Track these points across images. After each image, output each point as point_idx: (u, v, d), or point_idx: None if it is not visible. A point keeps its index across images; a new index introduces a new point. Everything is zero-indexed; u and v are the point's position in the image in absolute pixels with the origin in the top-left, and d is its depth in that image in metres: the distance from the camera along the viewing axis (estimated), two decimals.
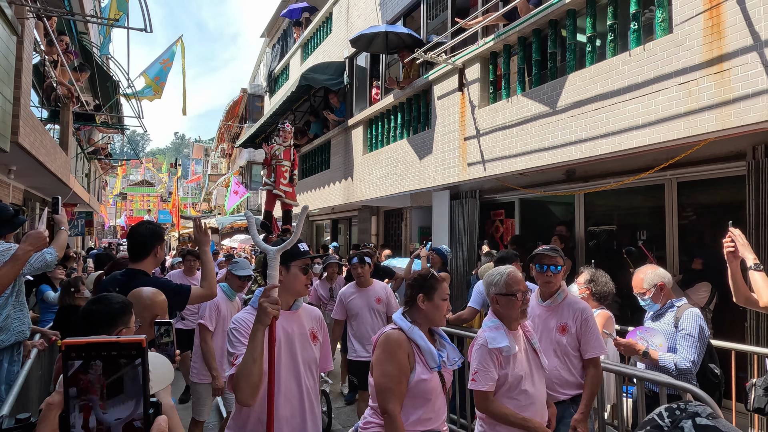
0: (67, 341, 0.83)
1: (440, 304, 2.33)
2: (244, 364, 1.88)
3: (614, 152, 4.44)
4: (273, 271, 1.99)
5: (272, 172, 7.72)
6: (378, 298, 4.66)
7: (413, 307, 2.35)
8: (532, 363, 2.46)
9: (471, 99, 6.32)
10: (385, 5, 8.82)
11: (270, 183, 7.66)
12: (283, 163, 7.65)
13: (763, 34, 3.38)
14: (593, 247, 6.52)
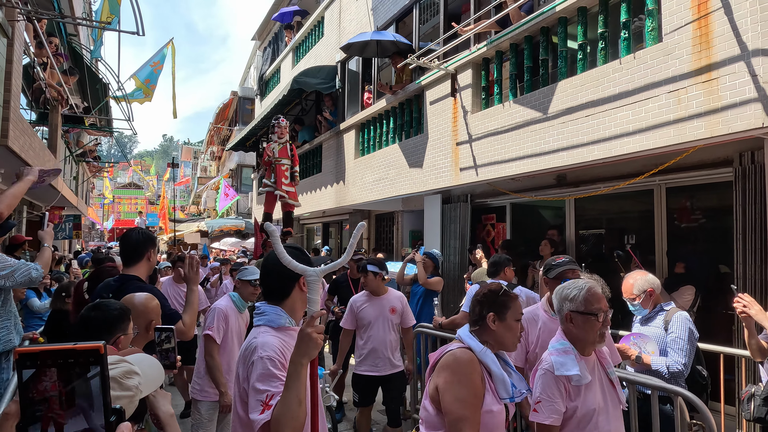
0: (20, 349, 0.80)
1: (513, 325, 2.06)
2: (287, 408, 1.53)
3: (605, 158, 4.51)
4: (315, 296, 1.66)
5: (272, 173, 7.22)
6: (392, 308, 4.23)
7: (482, 326, 2.07)
8: (607, 396, 2.14)
9: (463, 104, 6.37)
10: (377, 10, 8.86)
11: (270, 184, 7.18)
12: (282, 161, 7.14)
13: (750, 44, 3.46)
14: (583, 251, 6.60)
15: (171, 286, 5.79)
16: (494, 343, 2.05)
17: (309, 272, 1.67)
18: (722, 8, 3.61)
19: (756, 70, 3.42)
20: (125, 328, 2.19)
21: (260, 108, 16.49)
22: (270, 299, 1.86)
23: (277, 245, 1.69)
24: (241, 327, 3.79)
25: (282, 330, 1.79)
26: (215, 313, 3.64)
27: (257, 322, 1.83)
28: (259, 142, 15.62)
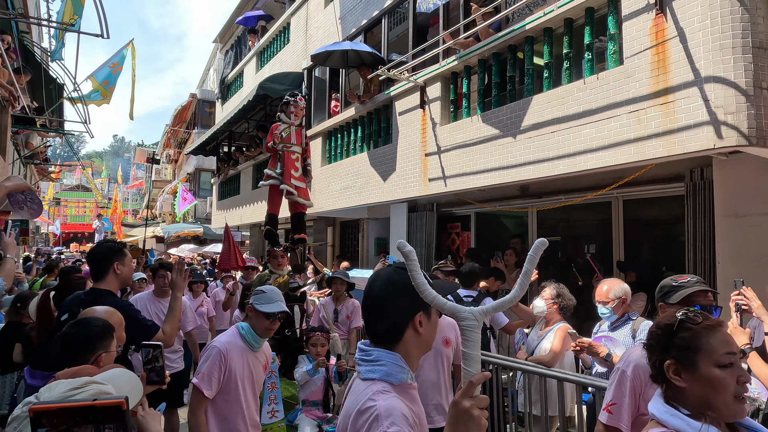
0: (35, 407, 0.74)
1: (715, 375, 1.29)
2: None
3: (570, 173, 4.73)
4: (473, 350, 1.12)
5: (278, 161, 5.70)
6: (446, 339, 3.16)
7: (669, 386, 1.36)
8: None
9: (432, 116, 6.51)
10: (345, 20, 8.92)
11: (276, 176, 5.65)
12: (292, 149, 5.65)
13: (703, 71, 3.73)
14: (545, 260, 6.85)
15: (151, 303, 4.59)
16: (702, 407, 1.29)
17: (462, 313, 1.15)
18: (678, 37, 3.88)
19: (708, 96, 3.69)
20: (107, 346, 2.15)
21: (221, 111, 16.20)
22: (378, 342, 1.32)
23: (415, 271, 1.16)
24: (255, 370, 2.78)
25: (403, 389, 1.26)
26: (210, 356, 2.63)
27: (368, 374, 1.28)
28: (220, 147, 15.34)
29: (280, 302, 2.79)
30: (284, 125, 5.67)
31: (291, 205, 5.86)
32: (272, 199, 5.97)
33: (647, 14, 4.12)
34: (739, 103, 3.58)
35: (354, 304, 5.10)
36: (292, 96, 5.72)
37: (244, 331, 2.74)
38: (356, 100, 8.13)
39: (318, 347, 3.93)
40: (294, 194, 5.64)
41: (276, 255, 4.64)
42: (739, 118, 3.57)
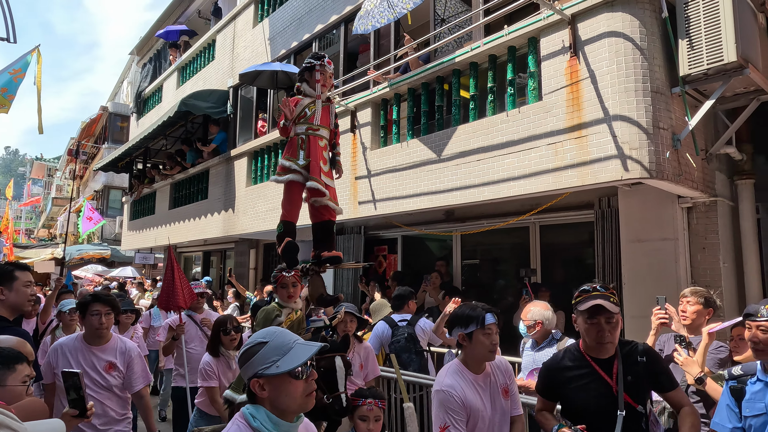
0: None
1: None
2: None
3: (494, 199, 5.00)
4: None
5: (299, 149, 3.83)
6: (505, 389, 2.53)
7: None
8: None
9: (362, 141, 6.62)
10: (275, 41, 8.89)
11: (299, 168, 3.78)
12: (320, 132, 3.86)
13: (611, 110, 4.14)
14: (467, 282, 7.13)
15: (82, 352, 3.15)
16: None
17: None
18: (589, 78, 4.28)
19: (615, 132, 4.09)
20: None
21: (136, 127, 15.35)
22: None
23: None
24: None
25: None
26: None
27: None
28: (134, 164, 14.48)
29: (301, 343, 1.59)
30: (308, 99, 3.83)
31: (315, 211, 3.88)
32: (290, 201, 3.95)
33: (563, 56, 4.51)
34: (641, 140, 4.00)
35: (367, 349, 3.97)
36: (316, 58, 3.89)
37: (258, 422, 1.52)
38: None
39: (370, 422, 2.65)
40: (325, 195, 3.78)
41: (286, 283, 3.27)
42: (641, 153, 3.99)
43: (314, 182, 3.75)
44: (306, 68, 3.92)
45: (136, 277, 14.95)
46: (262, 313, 3.33)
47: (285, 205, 4.00)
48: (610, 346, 2.38)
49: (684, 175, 4.27)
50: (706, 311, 3.14)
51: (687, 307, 3.14)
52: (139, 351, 3.43)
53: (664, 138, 4.08)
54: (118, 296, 5.73)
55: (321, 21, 7.79)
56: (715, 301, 3.20)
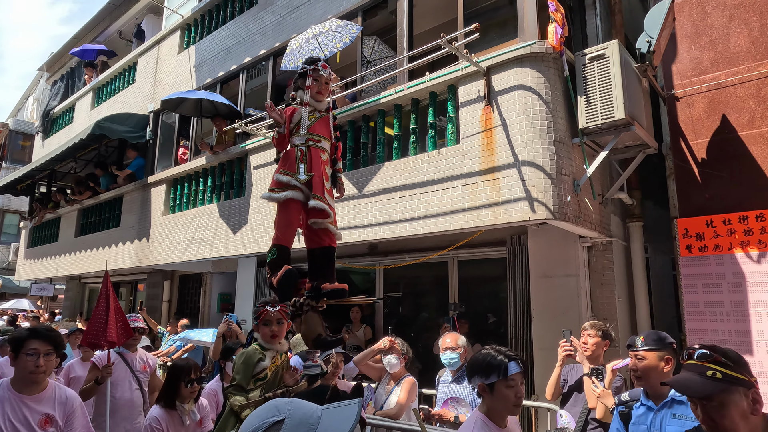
0: None
1: None
2: None
3: (414, 235, 5.19)
4: None
5: (299, 162, 3.34)
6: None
7: None
8: None
9: None
10: (201, 69, 8.78)
11: (298, 184, 3.26)
12: (322, 144, 3.42)
13: (520, 156, 4.51)
14: (390, 315, 7.25)
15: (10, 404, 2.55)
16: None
17: None
18: (501, 126, 4.66)
19: (524, 176, 4.45)
20: None
21: (42, 147, 14.28)
22: None
23: None
24: None
25: None
26: None
27: None
28: (36, 186, 13.40)
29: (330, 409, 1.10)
30: (307, 108, 3.41)
31: (313, 234, 3.41)
32: (287, 222, 3.38)
33: (479, 104, 4.88)
34: (546, 185, 4.38)
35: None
36: (309, 63, 3.49)
37: None
38: (208, 150, 7.91)
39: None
40: (329, 216, 3.32)
41: (270, 319, 2.80)
42: (546, 197, 4.36)
43: (318, 201, 3.23)
44: (300, 75, 3.54)
45: (32, 310, 13.63)
46: (241, 357, 2.69)
47: (280, 226, 3.41)
48: None
49: (583, 217, 4.71)
50: (603, 343, 3.45)
51: (587, 339, 3.44)
52: (82, 402, 2.85)
53: (566, 183, 4.50)
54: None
55: (250, 53, 7.83)
56: (611, 334, 3.52)
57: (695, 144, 4.89)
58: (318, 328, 3.04)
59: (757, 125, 4.56)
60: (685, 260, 4.74)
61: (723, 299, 4.50)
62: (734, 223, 4.51)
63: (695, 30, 4.97)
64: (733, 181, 4.62)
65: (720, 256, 4.56)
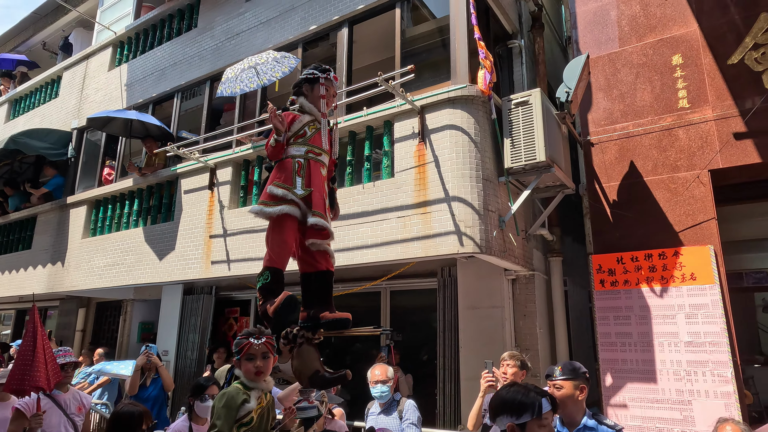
0: None
1: None
2: None
3: (348, 265, 5.24)
4: None
5: (296, 175, 3.03)
6: None
7: None
8: None
9: (221, 199, 6.52)
10: (133, 88, 8.49)
11: (294, 198, 2.92)
12: (322, 158, 3.12)
13: (450, 192, 4.72)
14: (321, 344, 7.17)
15: None
16: None
17: None
18: (434, 162, 4.87)
19: (454, 211, 4.66)
20: None
21: None
22: None
23: None
24: None
25: None
26: None
27: None
28: None
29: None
30: (308, 117, 3.09)
31: (307, 257, 3.03)
32: (282, 241, 2.93)
33: (413, 140, 5.08)
34: (474, 220, 4.60)
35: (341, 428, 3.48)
36: (322, 71, 3.19)
37: None
38: (136, 172, 7.60)
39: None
40: (329, 237, 3.02)
41: (254, 354, 2.44)
42: (474, 231, 4.57)
43: (319, 219, 2.88)
44: (307, 80, 3.18)
45: None
46: (222, 399, 2.32)
47: (273, 245, 2.94)
48: None
49: (508, 251, 4.97)
50: (521, 372, 3.63)
51: (507, 369, 3.60)
52: None
53: (492, 219, 4.75)
54: None
55: (186, 76, 7.70)
56: (527, 363, 3.71)
57: (607, 186, 5.33)
58: (315, 364, 2.73)
59: (659, 172, 5.06)
60: (598, 294, 5.10)
61: (631, 330, 4.87)
62: (641, 260, 4.93)
63: (607, 84, 5.49)
64: (640, 222, 5.07)
65: (629, 290, 4.95)
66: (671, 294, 4.72)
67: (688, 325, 4.59)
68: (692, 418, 4.41)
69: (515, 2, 6.35)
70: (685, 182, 4.90)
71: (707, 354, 4.46)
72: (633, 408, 4.71)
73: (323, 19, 6.26)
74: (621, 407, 4.76)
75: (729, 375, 4.33)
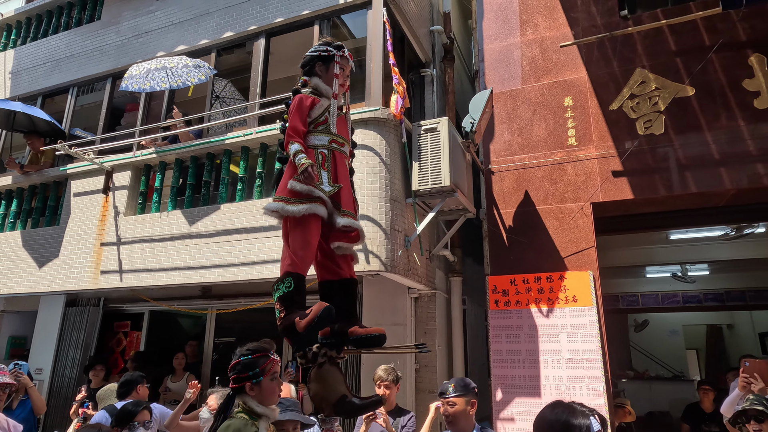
0: None
1: None
2: None
3: (253, 279, 5.11)
4: None
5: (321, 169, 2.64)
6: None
7: None
8: None
9: (116, 204, 6.09)
10: (19, 77, 7.72)
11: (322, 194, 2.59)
12: (345, 149, 2.82)
13: (360, 210, 4.80)
14: (220, 362, 6.88)
15: None
16: None
17: None
18: None
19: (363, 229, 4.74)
20: None
21: None
22: None
23: None
24: None
25: None
26: None
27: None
28: None
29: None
30: (326, 101, 2.72)
31: (329, 263, 2.73)
32: (304, 242, 2.55)
33: None
34: (381, 239, 4.72)
35: None
36: (335, 47, 2.79)
37: None
38: (17, 169, 6.88)
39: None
40: (359, 240, 2.75)
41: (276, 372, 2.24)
42: (380, 250, 4.69)
43: (349, 219, 2.59)
44: (319, 57, 2.75)
45: None
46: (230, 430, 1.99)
47: (297, 248, 2.51)
48: None
49: (412, 270, 5.14)
50: (395, 387, 3.87)
51: (384, 390, 3.81)
52: None
53: (398, 239, 4.90)
54: None
55: (84, 70, 7.16)
56: (399, 378, 3.98)
57: (505, 213, 5.72)
58: (340, 387, 2.38)
59: (549, 202, 5.53)
60: (493, 313, 5.42)
61: (521, 348, 5.22)
62: (531, 282, 5.32)
63: (508, 117, 5.93)
64: (532, 247, 5.48)
65: (519, 310, 5.32)
66: (556, 314, 5.14)
67: (569, 344, 5.02)
68: None
69: (429, 33, 6.69)
70: (571, 213, 5.39)
71: (584, 370, 4.90)
72: (519, 421, 5.03)
73: (240, 28, 6.16)
74: (509, 420, 5.06)
75: (601, 389, 4.79)
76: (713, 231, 7.47)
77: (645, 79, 5.38)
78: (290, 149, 2.56)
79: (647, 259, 9.16)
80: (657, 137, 5.23)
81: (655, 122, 5.26)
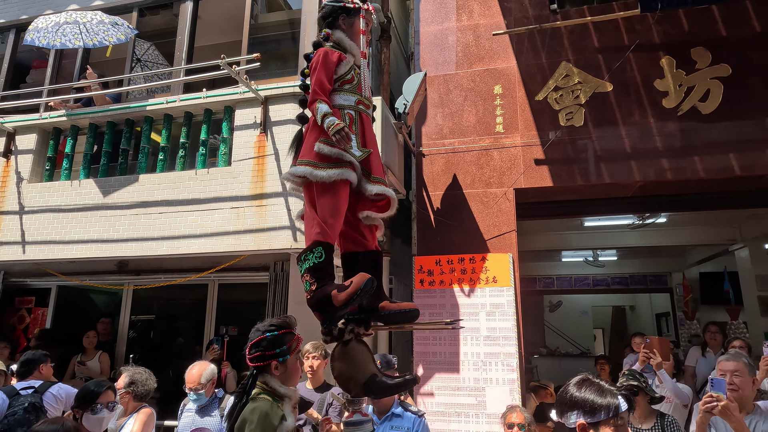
0: None
1: None
2: None
3: (172, 254, 4.91)
4: None
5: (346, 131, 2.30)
6: None
7: None
8: None
9: (19, 170, 5.58)
10: None
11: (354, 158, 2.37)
12: (371, 111, 2.64)
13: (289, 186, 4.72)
14: (138, 340, 6.58)
15: None
16: None
17: None
18: (274, 155, 4.82)
19: (290, 206, 4.67)
20: None
21: None
22: None
23: None
24: None
25: None
26: None
27: None
28: None
29: None
30: (350, 56, 2.53)
31: (354, 232, 2.53)
32: (334, 209, 2.33)
33: (254, 130, 4.96)
34: None
35: None
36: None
37: None
38: None
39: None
40: (390, 209, 2.53)
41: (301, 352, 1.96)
42: None
43: (381, 186, 2.41)
44: (343, 9, 2.53)
45: None
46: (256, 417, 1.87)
47: (326, 215, 2.29)
48: None
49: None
50: (323, 361, 3.81)
51: (313, 362, 3.73)
52: None
53: None
54: None
55: None
56: (328, 354, 3.94)
57: (433, 195, 5.85)
58: (370, 366, 2.24)
59: (475, 186, 5.71)
60: (418, 292, 5.56)
61: None
62: (455, 263, 5.50)
63: (440, 102, 6.02)
64: (457, 229, 5.66)
65: (443, 290, 5.49)
66: (476, 294, 5.35)
67: (488, 322, 5.26)
68: (484, 403, 5.07)
69: None
70: (495, 197, 5.61)
71: (500, 347, 5.16)
72: (439, 395, 5.24)
73: None
74: (429, 395, 5.26)
75: (515, 365, 5.08)
76: (622, 219, 8.07)
77: (569, 73, 5.64)
78: (317, 109, 2.33)
79: (563, 244, 9.75)
80: (577, 129, 5.53)
81: (576, 114, 5.55)
